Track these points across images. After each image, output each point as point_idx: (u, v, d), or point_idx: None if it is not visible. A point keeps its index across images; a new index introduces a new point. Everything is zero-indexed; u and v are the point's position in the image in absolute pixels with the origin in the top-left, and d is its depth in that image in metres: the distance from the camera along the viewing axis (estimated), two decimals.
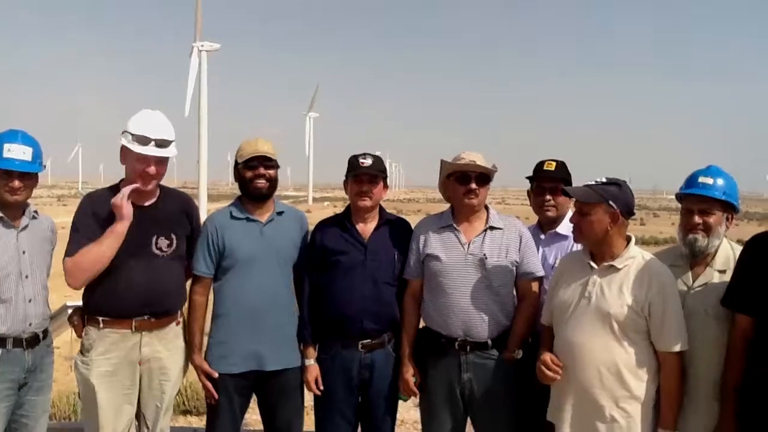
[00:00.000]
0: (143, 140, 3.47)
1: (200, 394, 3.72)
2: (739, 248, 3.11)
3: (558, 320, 3.21)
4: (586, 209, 3.08)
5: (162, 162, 3.53)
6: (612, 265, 3.09)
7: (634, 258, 3.10)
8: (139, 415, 3.61)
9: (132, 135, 3.48)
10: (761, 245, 2.95)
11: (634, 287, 3.02)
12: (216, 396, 3.60)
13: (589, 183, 3.13)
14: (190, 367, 3.74)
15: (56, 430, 3.99)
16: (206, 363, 3.62)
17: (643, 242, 22.43)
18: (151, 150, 3.47)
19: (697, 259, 3.16)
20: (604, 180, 3.12)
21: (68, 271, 3.40)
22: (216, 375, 3.59)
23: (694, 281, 3.15)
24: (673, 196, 3.37)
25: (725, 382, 2.99)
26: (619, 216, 3.09)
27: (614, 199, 3.06)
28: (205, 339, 3.70)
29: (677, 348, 2.98)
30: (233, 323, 3.59)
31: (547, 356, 3.14)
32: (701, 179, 3.16)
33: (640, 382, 3.00)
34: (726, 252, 3.16)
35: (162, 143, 3.50)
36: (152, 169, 3.49)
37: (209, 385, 3.60)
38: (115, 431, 3.49)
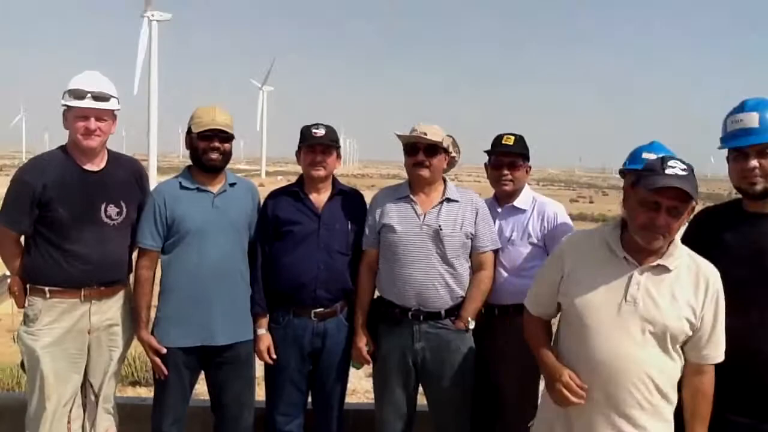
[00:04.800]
0: (80, 94, 3.38)
1: (149, 366, 3.65)
2: None
3: (581, 326, 2.58)
4: (683, 209, 2.45)
5: (103, 118, 3.42)
6: (661, 265, 2.53)
7: (682, 257, 2.57)
8: (85, 384, 3.54)
9: (69, 91, 3.40)
10: (698, 218, 2.96)
11: (689, 294, 2.52)
12: (166, 372, 3.52)
13: (678, 173, 2.42)
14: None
15: None
16: (153, 338, 3.54)
17: (592, 219, 22.94)
18: (88, 103, 3.37)
19: None
20: (683, 165, 2.46)
21: None
22: (164, 351, 3.52)
23: None
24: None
25: None
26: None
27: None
28: (152, 312, 3.62)
29: (721, 358, 2.59)
30: (184, 296, 3.51)
31: (567, 376, 2.55)
32: (645, 155, 3.21)
33: (671, 401, 2.59)
34: None
35: (100, 96, 3.40)
36: (92, 124, 3.37)
37: (157, 360, 3.52)
38: (61, 400, 3.42)
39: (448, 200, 3.59)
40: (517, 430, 3.66)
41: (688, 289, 2.52)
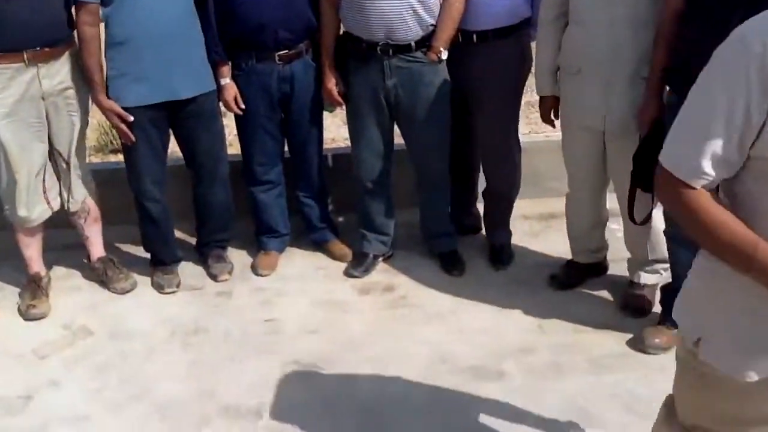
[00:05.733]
0: None
1: None
2: None
3: None
4: None
5: None
6: None
7: None
8: (53, 152, 3.46)
9: None
10: None
11: None
12: (133, 138, 3.37)
13: None
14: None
15: None
16: (115, 103, 3.31)
17: None
18: None
19: None
20: None
21: None
22: (131, 119, 3.31)
23: None
24: None
25: (654, 62, 2.90)
26: None
27: None
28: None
29: None
30: (136, 49, 3.24)
31: None
32: None
33: None
34: None
35: None
36: None
37: (123, 126, 3.34)
38: (31, 171, 3.35)
39: None
40: (498, 157, 3.65)
41: None
